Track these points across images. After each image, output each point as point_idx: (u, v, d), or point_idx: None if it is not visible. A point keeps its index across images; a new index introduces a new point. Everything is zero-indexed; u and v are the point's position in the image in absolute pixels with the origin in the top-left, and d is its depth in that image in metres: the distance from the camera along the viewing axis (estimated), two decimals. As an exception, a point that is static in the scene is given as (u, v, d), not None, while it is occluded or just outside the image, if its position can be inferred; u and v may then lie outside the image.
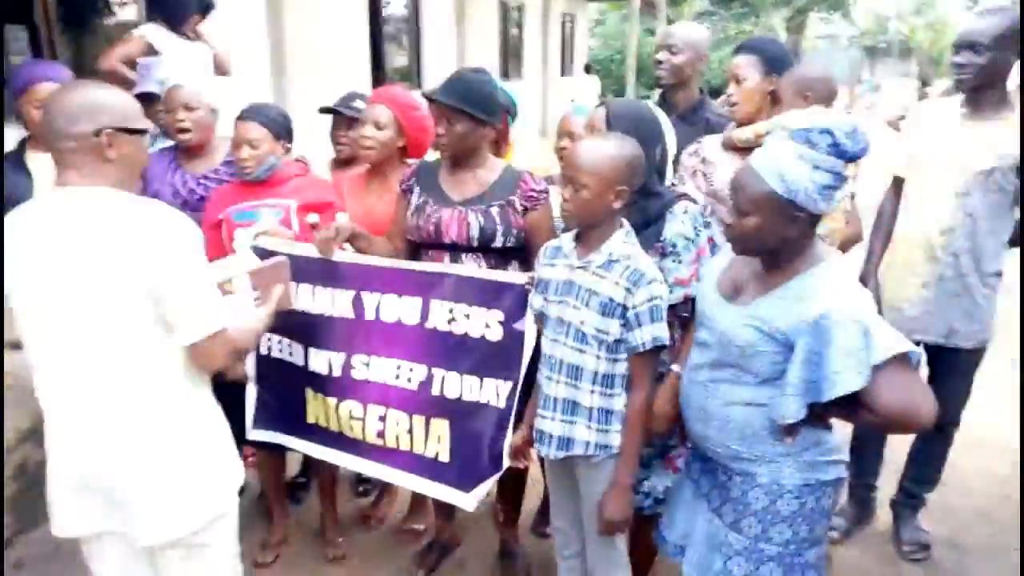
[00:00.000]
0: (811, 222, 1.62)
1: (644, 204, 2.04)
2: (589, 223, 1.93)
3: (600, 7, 27.71)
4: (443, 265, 2.30)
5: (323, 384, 2.41)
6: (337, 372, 2.39)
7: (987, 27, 2.39)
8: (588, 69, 20.06)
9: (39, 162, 2.57)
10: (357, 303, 2.35)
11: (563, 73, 16.24)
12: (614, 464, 1.96)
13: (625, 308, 1.86)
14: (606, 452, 1.97)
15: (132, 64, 3.52)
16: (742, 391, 1.70)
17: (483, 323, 2.23)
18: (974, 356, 2.68)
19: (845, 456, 1.78)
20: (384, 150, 2.61)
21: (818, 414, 1.60)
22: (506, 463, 2.24)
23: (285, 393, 2.49)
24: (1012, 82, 2.54)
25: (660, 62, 2.96)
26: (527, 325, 2.18)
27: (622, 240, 1.91)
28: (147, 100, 2.98)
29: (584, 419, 1.96)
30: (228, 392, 2.07)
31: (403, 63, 9.64)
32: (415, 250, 2.42)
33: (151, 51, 3.59)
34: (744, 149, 2.36)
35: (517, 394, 2.21)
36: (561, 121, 2.75)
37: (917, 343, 2.68)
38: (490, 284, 2.22)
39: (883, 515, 3.06)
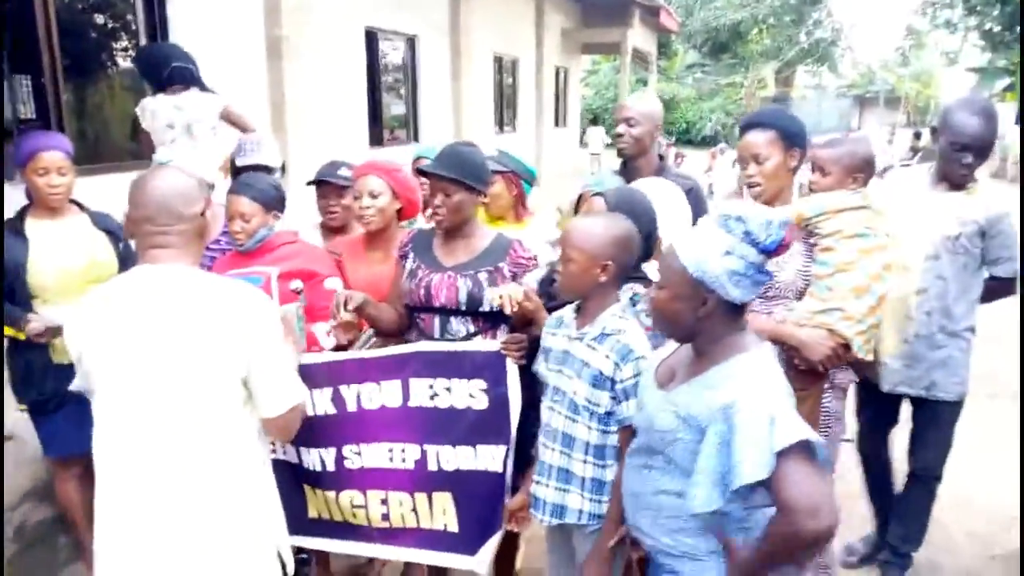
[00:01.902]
0: (729, 308, 1.61)
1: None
2: (579, 294, 2.03)
3: (593, 58, 28.38)
4: (413, 345, 2.35)
5: (319, 479, 2.43)
6: (331, 467, 2.40)
7: (990, 129, 2.59)
8: (596, 120, 20.58)
9: (38, 228, 2.65)
10: (337, 399, 2.35)
11: (556, 124, 16.56)
12: (605, 533, 1.99)
13: (614, 381, 1.92)
14: (599, 522, 2.01)
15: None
16: (671, 481, 1.67)
17: (467, 393, 2.28)
18: (954, 408, 2.81)
19: None
20: (384, 216, 2.71)
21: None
22: (504, 526, 2.29)
23: (283, 492, 2.47)
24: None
25: (620, 135, 3.05)
26: (510, 386, 2.24)
27: (616, 314, 1.99)
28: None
29: (577, 488, 2.02)
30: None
31: (400, 111, 9.85)
32: (409, 313, 2.50)
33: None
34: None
35: (512, 454, 2.27)
36: (584, 199, 2.65)
37: (901, 396, 2.84)
38: (465, 355, 2.27)
39: None
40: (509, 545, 2.66)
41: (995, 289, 2.77)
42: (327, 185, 2.96)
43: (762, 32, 25.63)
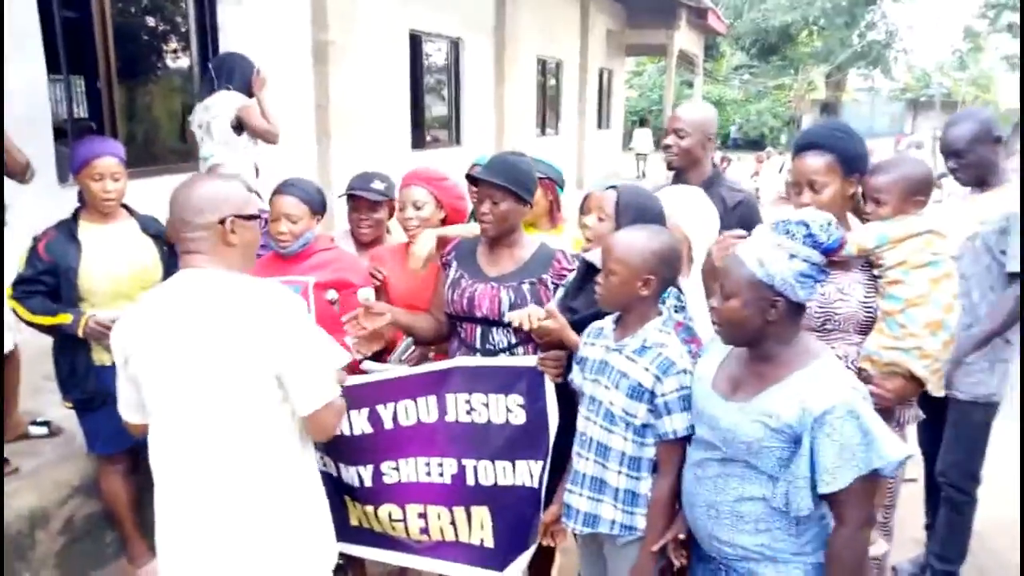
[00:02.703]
0: (795, 311, 1.70)
1: None
2: (620, 307, 2.02)
3: (638, 59, 28.17)
4: (450, 361, 2.36)
5: (357, 493, 2.45)
6: (369, 483, 2.42)
7: (961, 133, 2.72)
8: (644, 122, 20.65)
9: (90, 232, 2.72)
10: (373, 418, 2.37)
11: (599, 126, 16.47)
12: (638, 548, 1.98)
13: (653, 394, 1.90)
14: (631, 534, 1.99)
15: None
16: (753, 487, 1.73)
17: (504, 408, 2.28)
18: (977, 410, 2.75)
19: None
20: (428, 227, 2.71)
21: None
22: (538, 539, 2.28)
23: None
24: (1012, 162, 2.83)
25: (669, 146, 2.97)
26: (548, 401, 2.23)
27: (658, 328, 1.97)
28: None
29: (611, 498, 2.00)
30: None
31: (442, 114, 9.90)
32: (450, 322, 2.50)
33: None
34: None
35: (547, 470, 2.26)
36: (590, 198, 2.77)
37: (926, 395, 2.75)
38: (502, 371, 2.27)
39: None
40: (545, 556, 2.64)
41: None
42: (359, 199, 2.90)
43: (813, 34, 25.11)
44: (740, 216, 2.71)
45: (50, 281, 2.63)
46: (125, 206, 2.84)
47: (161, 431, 1.78)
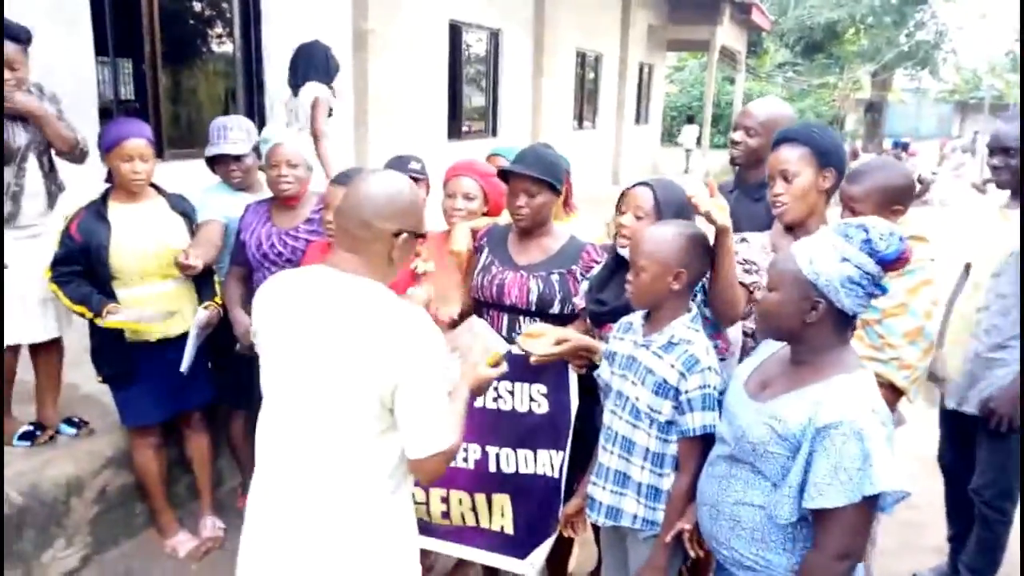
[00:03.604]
0: (838, 319, 1.62)
1: None
2: (651, 304, 2.00)
3: (679, 54, 27.84)
4: None
5: None
6: None
7: (1015, 130, 2.58)
8: (691, 119, 20.67)
9: (119, 212, 2.77)
10: None
11: (638, 121, 16.34)
12: (657, 543, 1.98)
13: (678, 391, 1.89)
14: (652, 529, 1.99)
15: None
16: (755, 493, 1.68)
17: (528, 397, 2.30)
18: (1014, 433, 2.63)
19: None
20: (473, 219, 2.73)
21: None
22: (558, 530, 2.30)
23: None
24: None
25: (736, 142, 2.86)
26: (571, 392, 2.25)
27: (685, 324, 1.96)
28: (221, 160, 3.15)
29: (634, 492, 2.00)
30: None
31: (480, 104, 9.91)
32: (477, 308, 2.52)
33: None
34: None
35: (567, 460, 2.27)
36: (626, 196, 2.56)
37: (960, 412, 2.74)
38: (528, 358, 2.26)
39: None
40: (563, 548, 2.65)
41: None
42: None
43: (859, 32, 24.49)
44: None
45: (83, 261, 2.70)
46: (154, 185, 2.89)
47: (268, 417, 1.70)
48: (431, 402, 1.59)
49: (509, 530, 2.37)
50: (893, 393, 2.22)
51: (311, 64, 4.24)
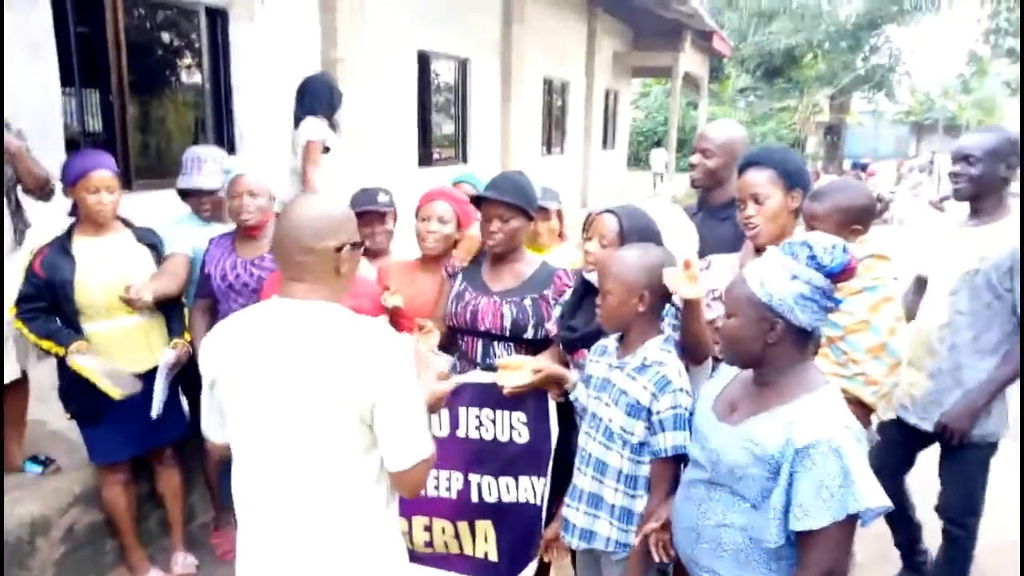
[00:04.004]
0: (797, 335, 1.64)
1: None
2: (620, 327, 2.06)
3: (644, 80, 28.33)
4: (464, 376, 2.38)
5: None
6: None
7: (979, 142, 2.60)
8: (659, 143, 21.39)
9: (84, 246, 2.74)
10: None
11: (604, 146, 16.56)
12: (631, 564, 1.99)
13: (650, 412, 1.92)
14: (625, 551, 2.01)
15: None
16: (735, 515, 1.68)
17: (509, 425, 2.32)
18: (975, 451, 2.67)
19: None
20: (447, 243, 2.77)
21: None
22: (538, 555, 2.31)
23: None
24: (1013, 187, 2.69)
25: (694, 165, 2.93)
26: (551, 419, 2.27)
27: (658, 346, 2.00)
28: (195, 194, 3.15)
29: (607, 515, 2.02)
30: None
31: (450, 132, 9.98)
32: (451, 335, 2.53)
33: None
34: None
35: (548, 486, 2.29)
36: (592, 223, 2.56)
37: (922, 434, 2.75)
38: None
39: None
40: (540, 573, 2.65)
41: None
42: (371, 213, 2.97)
43: (817, 57, 25.16)
44: None
45: (48, 297, 2.66)
46: (120, 218, 2.87)
47: (243, 461, 1.67)
48: (410, 412, 1.60)
49: (493, 556, 2.37)
50: (862, 410, 2.24)
51: (315, 97, 4.23)
